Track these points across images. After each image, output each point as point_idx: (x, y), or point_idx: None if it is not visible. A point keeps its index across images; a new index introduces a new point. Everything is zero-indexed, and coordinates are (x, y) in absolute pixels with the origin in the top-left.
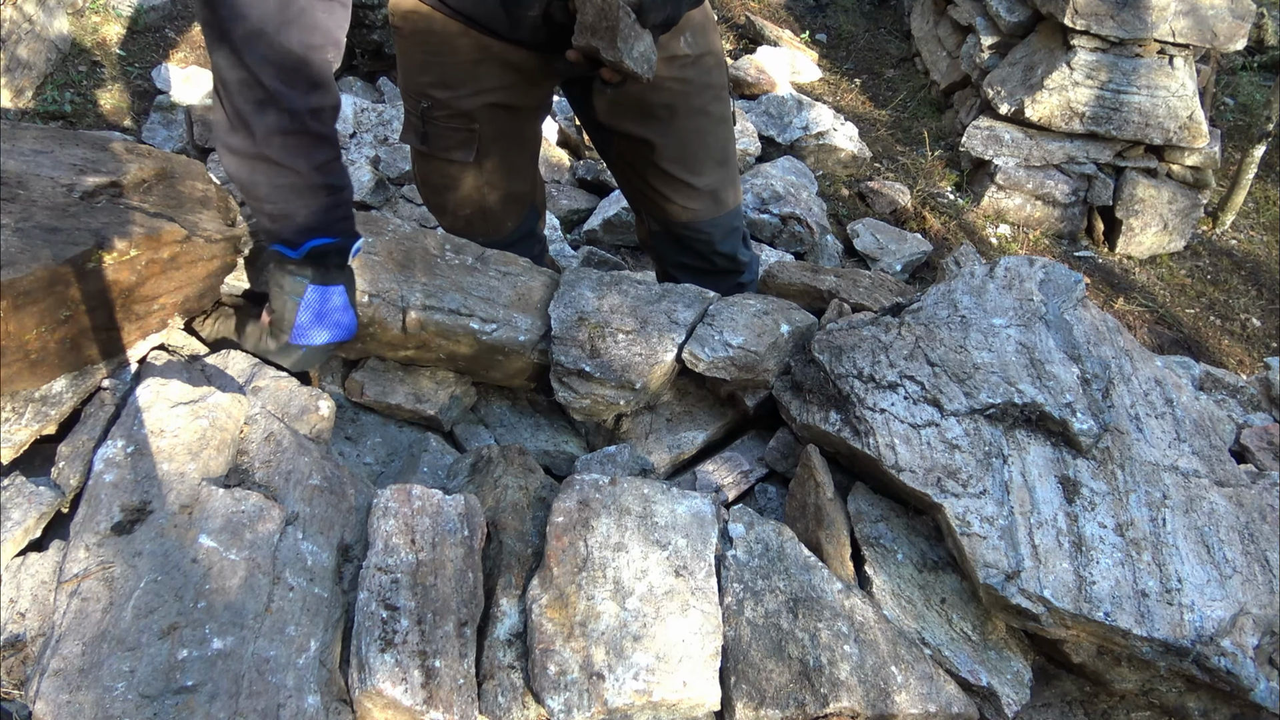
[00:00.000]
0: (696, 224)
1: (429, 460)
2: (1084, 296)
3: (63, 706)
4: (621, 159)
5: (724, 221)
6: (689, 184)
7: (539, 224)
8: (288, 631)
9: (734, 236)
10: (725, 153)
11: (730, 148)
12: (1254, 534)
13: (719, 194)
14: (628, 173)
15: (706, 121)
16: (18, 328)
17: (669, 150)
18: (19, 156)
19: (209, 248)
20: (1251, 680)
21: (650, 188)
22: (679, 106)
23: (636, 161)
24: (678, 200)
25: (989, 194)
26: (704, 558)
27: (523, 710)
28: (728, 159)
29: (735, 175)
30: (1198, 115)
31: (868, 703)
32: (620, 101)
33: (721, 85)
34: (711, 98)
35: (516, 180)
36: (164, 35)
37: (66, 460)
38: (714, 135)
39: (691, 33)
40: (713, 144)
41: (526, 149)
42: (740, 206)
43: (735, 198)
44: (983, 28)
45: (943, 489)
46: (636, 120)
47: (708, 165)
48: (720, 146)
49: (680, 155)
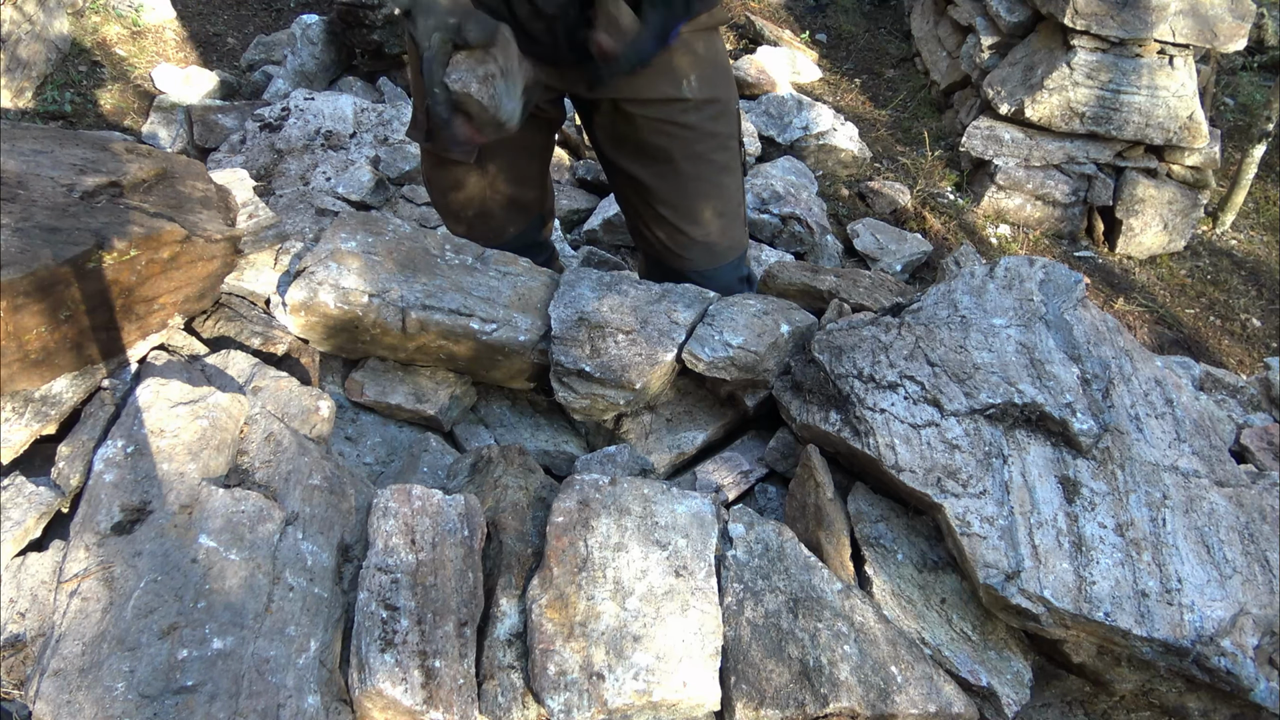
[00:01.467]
0: (688, 273)
1: (429, 460)
2: (1084, 296)
3: (63, 706)
4: (621, 192)
5: (718, 275)
6: (684, 231)
7: (543, 232)
8: (288, 631)
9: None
10: (727, 204)
11: (734, 199)
12: (1254, 534)
13: (715, 247)
14: (625, 207)
15: (708, 170)
16: (18, 328)
17: (663, 194)
18: (19, 156)
19: (209, 248)
20: (1251, 680)
21: (646, 227)
22: (676, 152)
23: (633, 198)
24: (671, 246)
25: (989, 194)
26: (704, 558)
27: (523, 710)
28: (728, 211)
29: (737, 228)
30: (1198, 115)
31: (867, 703)
32: (618, 135)
33: (729, 135)
34: (715, 146)
35: (522, 187)
36: (164, 35)
37: (66, 460)
38: (715, 185)
39: (697, 77)
40: (713, 194)
41: (535, 157)
42: (741, 259)
43: (735, 250)
44: (983, 28)
45: (943, 489)
46: (633, 158)
47: (705, 215)
48: (722, 197)
49: (676, 201)
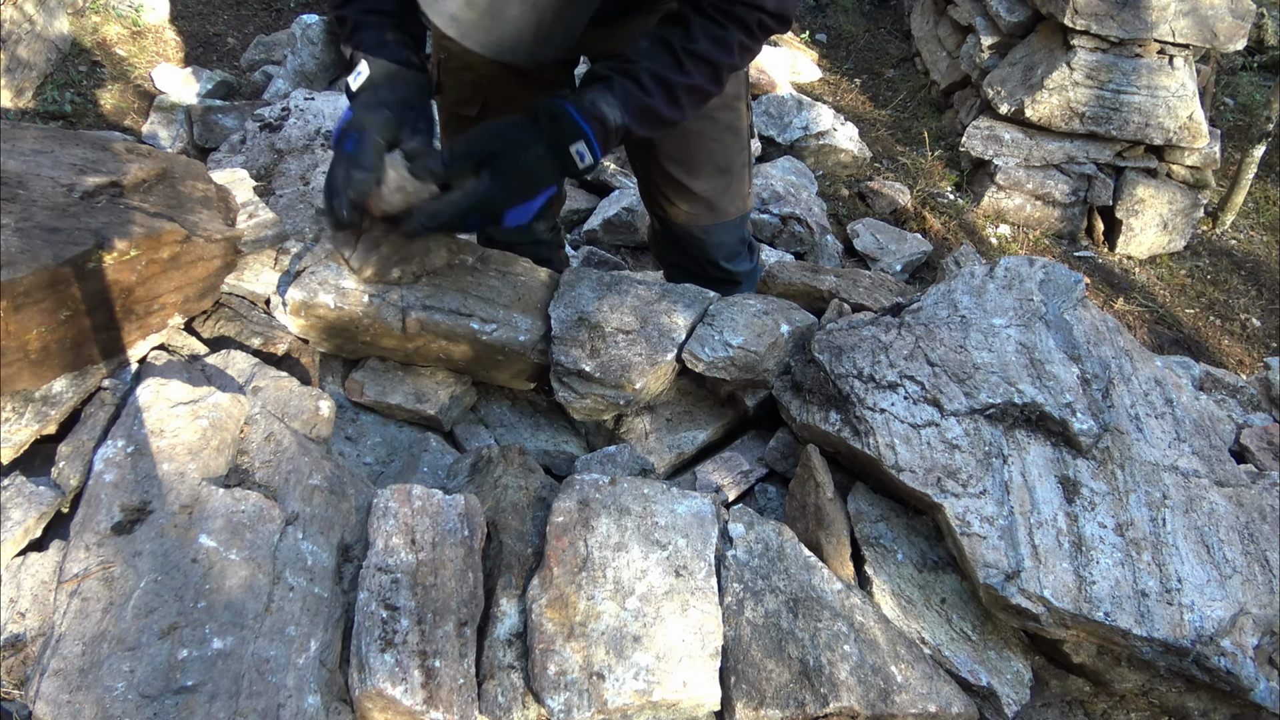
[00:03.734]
0: (690, 227)
1: (429, 460)
2: (1084, 296)
3: (63, 706)
4: (631, 149)
5: (719, 230)
6: (686, 186)
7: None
8: (288, 631)
9: (730, 248)
10: (728, 161)
11: (736, 157)
12: (1254, 534)
13: (715, 202)
14: (636, 164)
15: (710, 127)
16: (18, 328)
17: (667, 150)
18: (19, 156)
19: (209, 248)
20: (1251, 680)
21: (652, 183)
22: None
23: (642, 155)
24: (675, 201)
25: (989, 194)
26: (704, 558)
27: (523, 710)
28: (730, 168)
29: (738, 186)
30: (1198, 115)
31: (867, 703)
32: None
33: (733, 94)
34: (719, 104)
35: None
36: (164, 35)
37: (66, 460)
38: (717, 142)
39: None
40: (715, 150)
41: None
42: (743, 219)
43: (737, 209)
44: (983, 28)
45: (943, 489)
46: None
47: (706, 170)
48: (724, 154)
49: (679, 156)
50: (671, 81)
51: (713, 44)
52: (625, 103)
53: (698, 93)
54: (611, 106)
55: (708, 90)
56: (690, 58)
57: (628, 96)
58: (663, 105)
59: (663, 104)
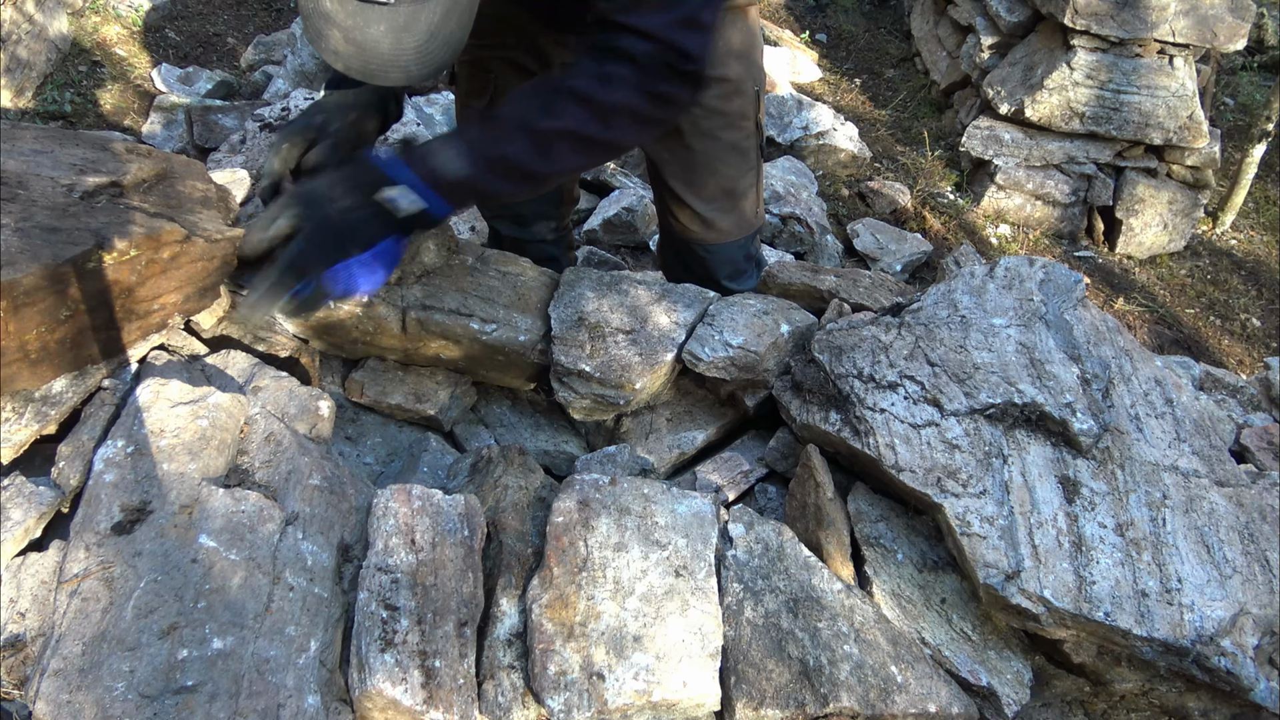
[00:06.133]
0: (691, 244)
1: (429, 460)
2: (1084, 296)
3: (63, 706)
4: (646, 165)
5: (721, 251)
6: (689, 205)
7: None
8: (288, 631)
9: (734, 265)
10: (733, 183)
11: (741, 179)
12: (1254, 534)
13: (717, 223)
14: (650, 175)
15: (715, 147)
16: (18, 328)
17: (670, 168)
18: (19, 156)
19: (209, 248)
20: (1251, 680)
21: (659, 196)
22: (684, 127)
23: (651, 168)
24: (678, 216)
25: (989, 194)
26: (704, 558)
27: (523, 710)
28: (734, 189)
29: (744, 207)
30: (1198, 115)
31: (867, 703)
32: None
33: (739, 114)
34: (723, 124)
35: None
36: (164, 35)
37: (66, 460)
38: (722, 162)
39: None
40: (721, 170)
41: None
42: (748, 238)
43: (739, 230)
44: (983, 28)
45: (943, 489)
46: None
47: (709, 190)
48: (728, 175)
49: (682, 175)
50: (537, 129)
51: (593, 81)
52: (473, 152)
53: (578, 139)
54: (452, 157)
55: (597, 136)
56: (566, 97)
57: (480, 145)
58: (526, 155)
59: (526, 154)
